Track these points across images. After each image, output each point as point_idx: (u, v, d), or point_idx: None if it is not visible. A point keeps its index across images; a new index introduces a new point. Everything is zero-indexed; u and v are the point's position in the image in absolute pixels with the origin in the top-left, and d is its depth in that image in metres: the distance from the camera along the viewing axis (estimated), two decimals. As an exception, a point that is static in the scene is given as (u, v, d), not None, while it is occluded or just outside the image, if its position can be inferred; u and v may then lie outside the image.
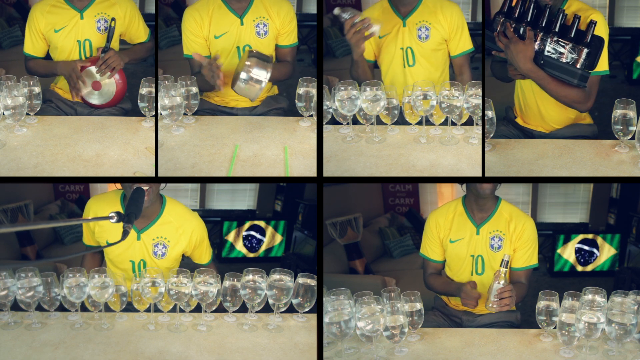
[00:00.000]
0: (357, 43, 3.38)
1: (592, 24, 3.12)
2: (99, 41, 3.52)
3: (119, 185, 3.29)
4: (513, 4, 3.24)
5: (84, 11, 3.51)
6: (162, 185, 3.26)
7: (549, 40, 3.18)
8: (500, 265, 3.12)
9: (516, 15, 3.22)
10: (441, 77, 3.54)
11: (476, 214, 3.36)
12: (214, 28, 3.49)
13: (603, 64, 3.26)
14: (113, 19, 3.50)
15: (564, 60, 3.17)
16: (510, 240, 3.32)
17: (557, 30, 3.17)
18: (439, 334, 3.15)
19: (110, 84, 3.50)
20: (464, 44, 3.52)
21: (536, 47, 3.19)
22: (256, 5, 3.51)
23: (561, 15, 3.15)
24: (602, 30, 3.20)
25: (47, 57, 3.59)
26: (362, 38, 3.36)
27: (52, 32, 3.50)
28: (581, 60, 3.16)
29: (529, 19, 3.20)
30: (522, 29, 3.21)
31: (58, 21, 3.51)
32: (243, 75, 3.24)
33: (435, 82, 3.41)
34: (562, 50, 3.16)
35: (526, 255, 3.32)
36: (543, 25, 3.18)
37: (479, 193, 3.30)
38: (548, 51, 3.18)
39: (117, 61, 3.48)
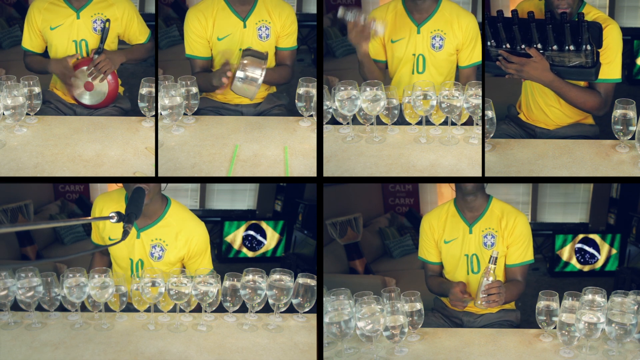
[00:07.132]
0: (359, 44, 3.37)
1: (581, 20, 3.13)
2: (95, 42, 3.51)
3: (120, 185, 3.29)
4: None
5: (81, 11, 3.50)
6: (164, 185, 3.26)
7: (550, 52, 3.19)
8: (489, 262, 3.10)
9: (506, 40, 3.22)
10: None
11: (467, 214, 3.37)
12: (217, 30, 3.49)
13: (615, 72, 3.30)
14: (107, 20, 3.49)
15: (572, 64, 3.19)
16: (502, 236, 3.32)
17: (553, 40, 3.18)
18: (439, 334, 3.15)
19: (102, 84, 3.49)
20: (475, 55, 3.49)
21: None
22: (259, 8, 3.51)
23: (550, 26, 3.16)
24: (615, 35, 3.24)
25: (45, 53, 3.59)
26: (364, 39, 3.35)
27: (48, 29, 3.50)
28: (587, 59, 3.17)
29: (520, 39, 3.21)
30: (518, 49, 3.22)
31: (54, 19, 3.50)
32: (240, 74, 3.24)
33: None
34: (566, 56, 3.17)
35: (519, 250, 3.31)
36: (537, 41, 3.20)
37: (463, 190, 3.30)
38: (554, 61, 3.20)
39: (108, 65, 3.45)
